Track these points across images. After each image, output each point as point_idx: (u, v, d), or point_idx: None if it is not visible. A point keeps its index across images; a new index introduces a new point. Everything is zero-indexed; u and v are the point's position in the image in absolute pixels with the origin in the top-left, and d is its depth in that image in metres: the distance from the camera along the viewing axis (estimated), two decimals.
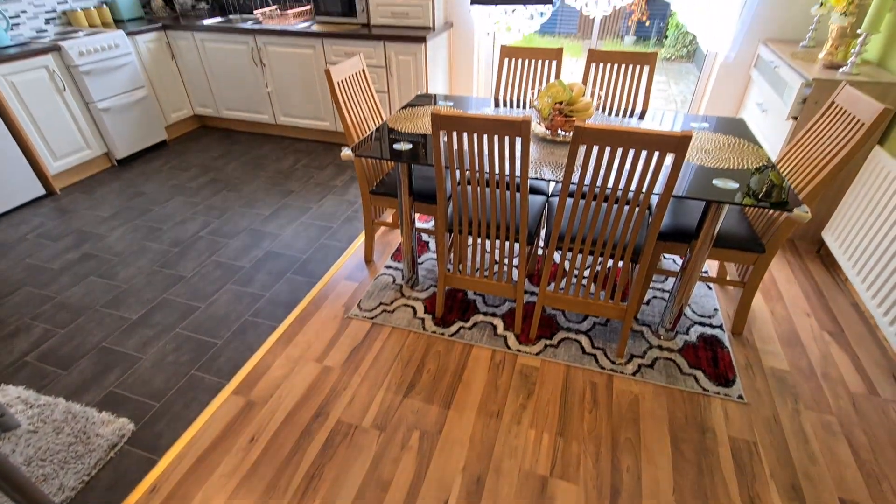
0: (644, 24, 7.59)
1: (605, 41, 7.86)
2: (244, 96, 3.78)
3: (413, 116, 2.15)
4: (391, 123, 2.07)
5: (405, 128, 2.02)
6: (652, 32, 7.54)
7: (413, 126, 2.04)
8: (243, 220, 2.82)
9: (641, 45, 7.65)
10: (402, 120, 2.11)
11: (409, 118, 2.13)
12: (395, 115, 2.16)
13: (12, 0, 3.19)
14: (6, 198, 2.89)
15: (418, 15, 3.19)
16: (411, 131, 1.99)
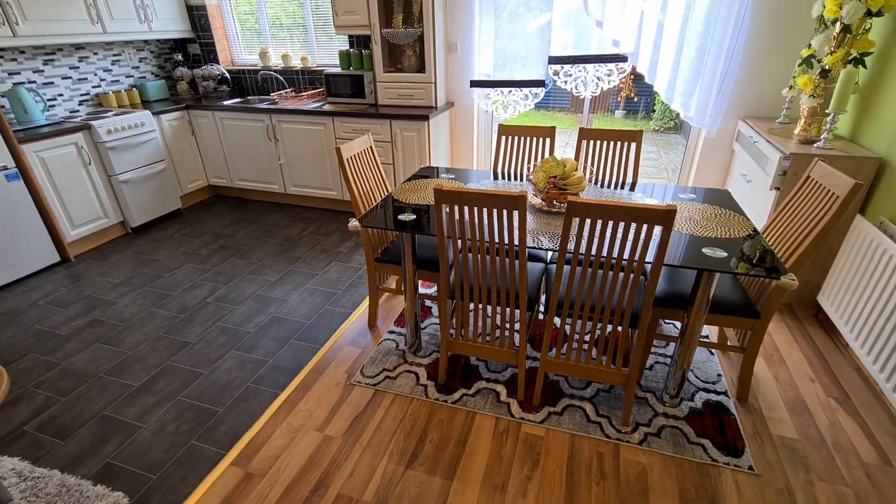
0: (633, 99, 8.14)
1: (597, 115, 8.39)
2: (257, 168, 4.00)
3: (417, 188, 2.28)
4: (396, 195, 2.20)
5: (409, 199, 2.15)
6: (640, 107, 8.05)
7: (417, 197, 2.17)
8: (250, 286, 2.89)
9: (631, 119, 8.15)
10: (407, 191, 2.24)
11: (413, 190, 2.26)
12: (399, 187, 2.30)
13: (51, 85, 3.50)
14: (22, 265, 2.98)
15: (422, 96, 3.47)
16: (415, 202, 2.11)
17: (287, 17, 4.05)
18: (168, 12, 3.96)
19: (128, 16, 3.63)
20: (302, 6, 3.93)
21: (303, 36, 4.08)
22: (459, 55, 3.57)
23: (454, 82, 3.67)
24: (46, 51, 3.44)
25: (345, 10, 3.37)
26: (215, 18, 4.20)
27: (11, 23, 2.95)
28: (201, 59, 4.38)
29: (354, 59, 3.67)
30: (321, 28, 3.98)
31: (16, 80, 3.29)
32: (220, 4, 4.21)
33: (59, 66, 3.54)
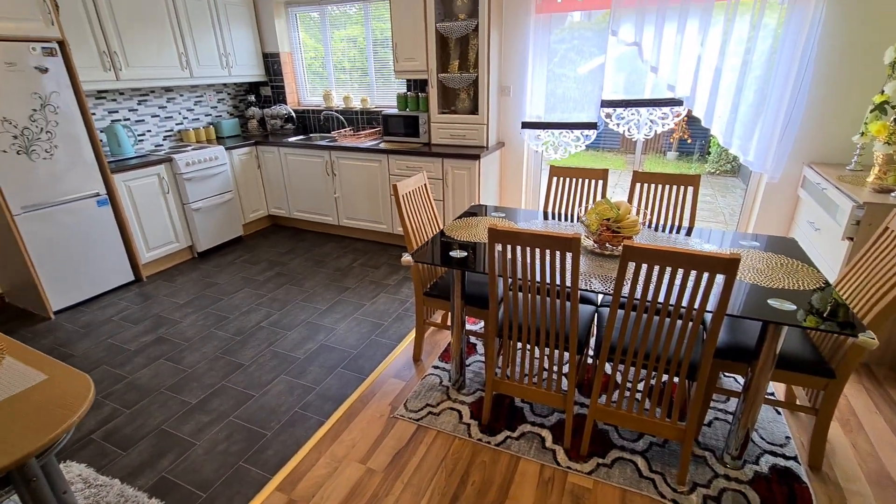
0: (686, 141, 7.98)
1: (648, 156, 8.27)
2: (314, 200, 4.23)
3: (467, 226, 2.33)
4: (447, 232, 2.26)
5: (460, 236, 2.19)
6: (695, 149, 7.87)
7: (467, 234, 2.21)
8: (302, 313, 3.00)
9: (684, 161, 7.97)
10: (458, 228, 2.29)
11: (463, 227, 2.31)
12: (451, 224, 2.35)
13: (142, 122, 3.91)
14: (102, 282, 3.26)
15: (474, 137, 3.59)
16: (466, 239, 2.15)
17: (350, 62, 4.36)
18: (246, 59, 4.37)
19: (212, 62, 4.04)
20: (364, 53, 4.22)
21: (363, 79, 4.36)
22: (512, 98, 3.68)
23: (505, 123, 3.77)
24: (142, 92, 3.87)
25: (405, 56, 3.59)
26: (286, 64, 4.59)
27: (116, 69, 3.36)
28: (271, 100, 4.76)
29: (411, 101, 3.87)
30: (381, 73, 4.25)
31: (114, 118, 3.71)
32: (292, 52, 4.60)
33: (150, 106, 3.96)
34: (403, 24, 3.51)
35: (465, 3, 3.34)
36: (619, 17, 3.04)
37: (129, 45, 3.41)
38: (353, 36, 4.24)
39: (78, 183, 3.02)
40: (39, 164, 2.82)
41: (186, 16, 3.77)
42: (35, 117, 2.77)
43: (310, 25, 4.45)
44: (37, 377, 1.18)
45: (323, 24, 4.33)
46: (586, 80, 3.37)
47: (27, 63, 2.70)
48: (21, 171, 2.74)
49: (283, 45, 4.50)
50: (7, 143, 2.67)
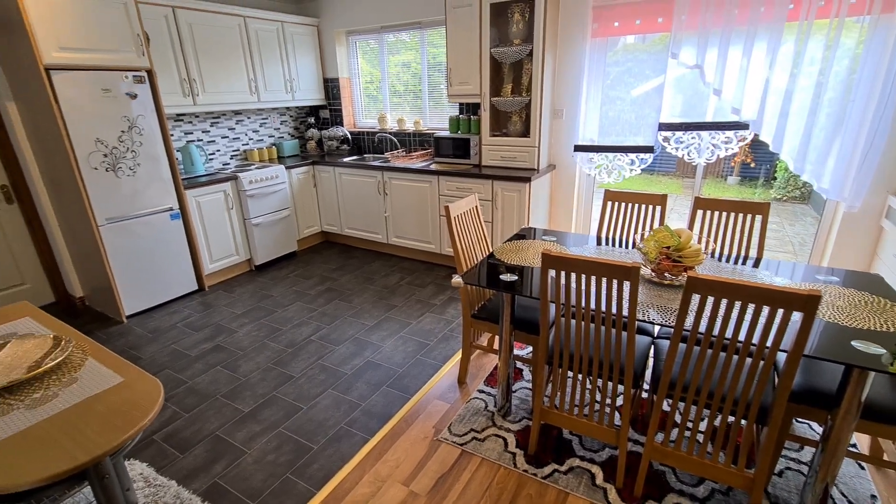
0: (749, 165, 7.58)
1: (707, 181, 7.91)
2: (365, 218, 4.35)
3: (517, 249, 2.31)
4: (498, 254, 2.25)
5: (510, 259, 2.17)
6: (759, 173, 7.46)
7: (518, 258, 2.19)
8: (350, 328, 3.06)
9: (746, 186, 7.55)
10: (508, 252, 2.27)
11: (514, 250, 2.29)
12: (501, 247, 2.34)
13: (213, 142, 4.21)
14: (170, 289, 3.49)
15: (525, 159, 3.58)
16: (516, 263, 2.13)
17: (404, 86, 4.51)
18: (309, 84, 4.63)
19: (278, 87, 4.31)
20: (418, 78, 4.36)
21: (417, 103, 4.49)
22: (564, 121, 3.66)
23: (557, 146, 3.75)
24: (214, 115, 4.18)
25: (459, 81, 3.68)
26: (345, 88, 4.81)
27: (194, 94, 3.65)
28: (329, 122, 5.00)
29: (463, 124, 3.93)
30: (434, 96, 4.36)
31: (189, 138, 4.02)
32: (351, 77, 4.83)
33: (221, 128, 4.26)
34: (458, 49, 3.60)
35: (521, 30, 3.38)
36: (680, 40, 2.97)
37: (207, 72, 3.71)
38: (407, 61, 4.39)
39: (155, 198, 3.28)
40: (123, 181, 3.09)
41: (258, 45, 4.06)
42: (123, 138, 3.05)
43: (367, 52, 4.66)
44: (114, 379, 1.27)
45: (381, 51, 4.53)
46: (642, 103, 3.30)
47: (120, 90, 2.99)
48: (108, 186, 3.02)
49: (342, 70, 4.73)
50: (98, 160, 2.95)
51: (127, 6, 2.96)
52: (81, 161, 2.88)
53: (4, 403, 1.17)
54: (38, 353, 1.37)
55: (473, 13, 3.43)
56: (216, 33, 3.73)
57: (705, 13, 2.87)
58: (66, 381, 1.26)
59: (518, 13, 3.35)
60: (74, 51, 2.75)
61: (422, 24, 4.17)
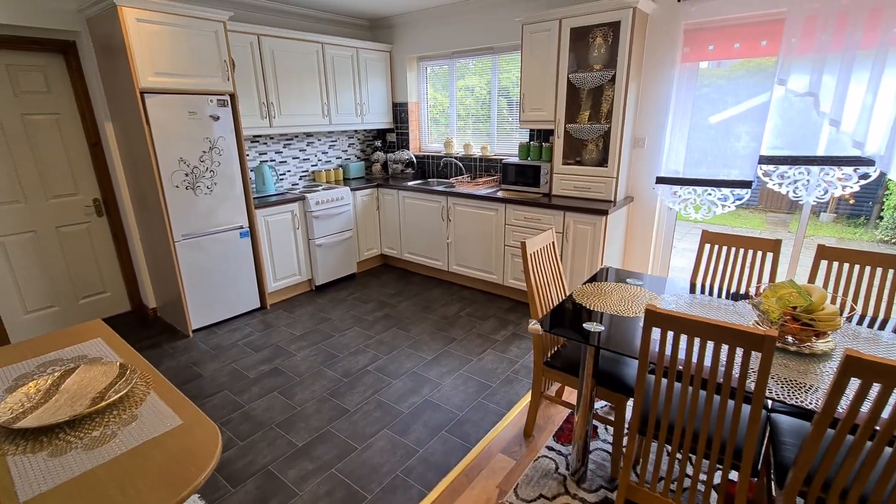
0: (847, 201, 6.81)
1: (794, 215, 7.18)
2: (426, 243, 4.25)
3: (599, 292, 2.08)
4: (577, 297, 2.02)
5: (593, 304, 1.95)
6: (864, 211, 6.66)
7: (601, 303, 1.95)
8: (408, 361, 2.92)
9: (844, 225, 6.77)
10: (589, 295, 2.05)
11: (595, 294, 2.06)
12: (580, 289, 2.12)
13: (284, 163, 4.32)
14: (235, 306, 3.54)
15: (600, 190, 3.34)
16: (599, 308, 1.90)
17: (471, 111, 4.43)
18: (378, 108, 4.68)
19: (349, 111, 4.38)
20: (487, 103, 4.27)
21: (484, 128, 4.39)
22: (646, 150, 3.39)
23: (636, 177, 3.48)
24: (287, 137, 4.30)
25: (532, 106, 3.53)
26: (413, 112, 4.82)
27: (271, 117, 3.76)
28: (395, 145, 5.01)
29: (533, 151, 3.77)
30: (502, 122, 4.24)
31: (262, 159, 4.14)
32: (419, 101, 4.83)
33: (293, 149, 4.37)
34: (533, 75, 3.46)
35: (602, 54, 3.20)
36: (790, 65, 2.65)
37: (284, 96, 3.82)
38: (475, 86, 4.32)
39: (227, 216, 3.36)
40: (200, 199, 3.19)
41: (333, 71, 4.15)
42: (203, 158, 3.15)
43: (436, 77, 4.65)
44: (173, 421, 1.18)
45: (450, 76, 4.49)
46: (739, 133, 2.98)
47: (204, 112, 3.11)
48: (186, 204, 3.12)
49: (411, 95, 4.75)
50: (180, 179, 3.06)
51: (217, 34, 3.09)
52: (165, 179, 2.99)
53: (64, 440, 1.11)
54: (103, 382, 1.32)
55: (551, 38, 3.29)
56: (295, 59, 3.85)
57: (822, 36, 2.55)
58: (125, 419, 1.19)
59: (601, 37, 3.18)
60: (167, 75, 2.89)
61: (494, 49, 4.09)
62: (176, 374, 2.81)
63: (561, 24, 3.22)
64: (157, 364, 2.92)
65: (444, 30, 4.27)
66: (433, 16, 4.28)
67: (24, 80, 3.00)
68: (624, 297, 2.01)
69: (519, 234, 3.58)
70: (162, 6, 2.78)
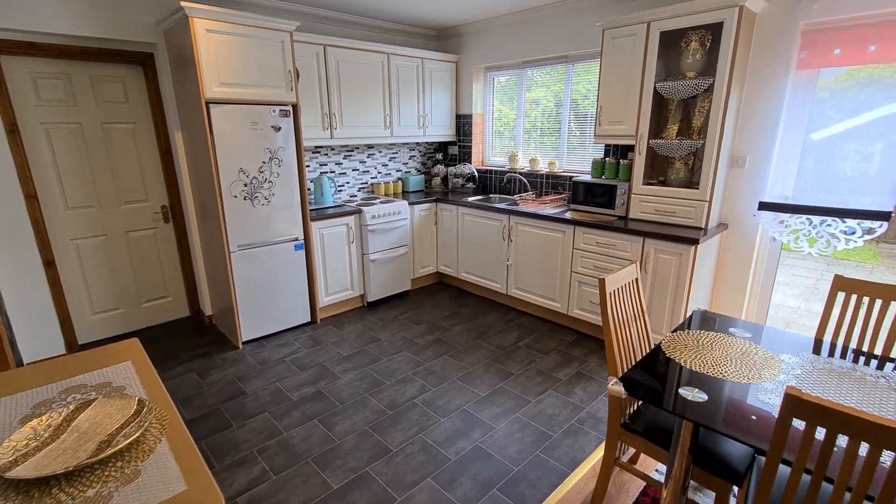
0: None
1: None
2: (484, 264, 3.98)
3: (696, 345, 1.69)
4: (668, 349, 1.66)
5: (688, 360, 1.58)
6: None
7: (699, 361, 1.58)
8: (458, 396, 2.65)
9: None
10: (682, 347, 1.67)
11: (690, 346, 1.68)
12: (671, 339, 1.75)
13: (343, 175, 4.25)
14: (285, 319, 3.46)
15: (689, 215, 2.90)
16: (697, 368, 1.53)
17: (539, 124, 4.13)
18: (441, 121, 4.51)
19: (411, 123, 4.24)
20: (557, 116, 3.95)
21: (553, 142, 4.07)
22: (746, 171, 2.92)
23: (732, 201, 3.00)
24: (348, 149, 4.23)
25: (610, 119, 3.17)
26: (477, 125, 4.60)
27: (332, 128, 3.69)
28: (457, 159, 4.81)
29: (609, 168, 3.39)
30: (574, 136, 3.90)
31: (322, 170, 4.09)
32: (484, 113, 4.61)
33: (353, 160, 4.29)
34: (612, 85, 3.11)
35: (697, 61, 2.79)
36: None
37: (346, 107, 3.74)
38: (545, 97, 4.02)
39: (283, 227, 3.29)
40: (258, 209, 3.14)
41: (397, 82, 4.04)
42: (263, 168, 3.11)
43: (503, 88, 4.40)
44: (177, 485, 1.00)
45: (518, 87, 4.23)
46: (871, 153, 2.45)
47: (266, 122, 3.07)
48: (243, 214, 3.08)
49: (476, 107, 4.53)
50: (239, 189, 3.03)
51: (283, 44, 3.05)
52: (224, 189, 2.97)
53: (55, 498, 0.95)
54: (116, 421, 1.18)
55: (637, 43, 2.94)
56: (360, 70, 3.77)
57: None
58: (128, 475, 1.02)
59: (696, 41, 2.78)
60: (232, 86, 2.88)
61: (568, 58, 3.78)
62: (221, 388, 2.73)
63: (649, 28, 2.86)
64: (205, 376, 2.87)
65: (515, 38, 4.03)
66: (504, 23, 4.06)
67: (106, 89, 3.12)
68: (728, 354, 1.62)
69: (588, 261, 3.21)
70: (231, 17, 2.77)
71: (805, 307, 4.34)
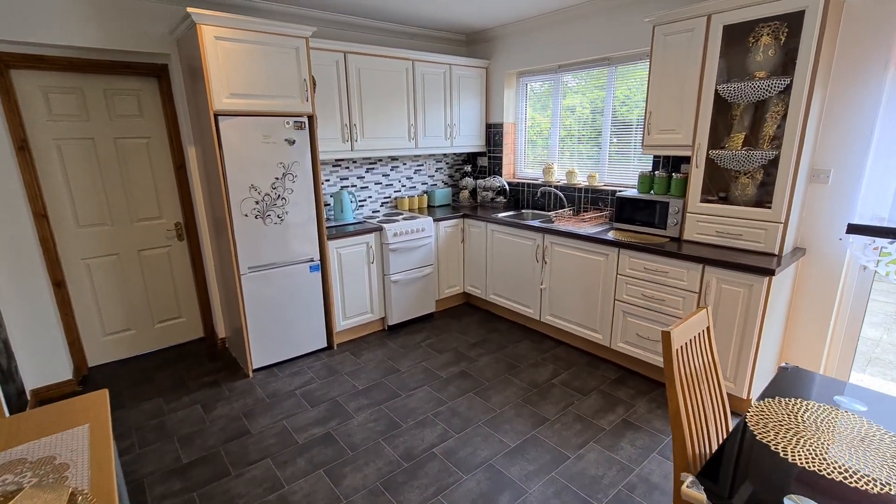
0: None
1: None
2: (516, 286, 3.63)
3: (795, 420, 1.30)
4: (755, 426, 1.27)
5: (788, 448, 1.19)
6: None
7: (805, 450, 1.19)
8: (484, 445, 2.31)
9: None
10: (773, 425, 1.28)
11: (786, 423, 1.29)
12: (757, 409, 1.36)
13: (366, 189, 4.01)
14: (299, 345, 3.22)
15: (758, 238, 2.47)
16: (805, 461, 1.14)
17: (577, 133, 3.76)
18: (470, 130, 4.21)
19: (437, 134, 3.97)
20: (596, 124, 3.57)
21: (593, 153, 3.69)
22: (830, 187, 2.46)
23: (811, 223, 2.55)
24: (370, 161, 3.99)
25: (661, 127, 2.78)
26: (508, 135, 4.27)
27: (353, 140, 3.46)
28: (487, 171, 4.50)
29: (658, 183, 2.99)
30: (617, 147, 3.51)
31: (343, 184, 3.86)
32: (516, 122, 4.28)
33: (376, 174, 4.05)
34: (664, 88, 2.73)
35: (769, 58, 2.37)
36: None
37: (368, 117, 3.50)
38: (583, 104, 3.65)
39: (298, 248, 3.06)
40: (270, 228, 2.92)
41: (423, 90, 3.78)
42: (276, 185, 2.89)
43: (537, 95, 4.06)
44: None
45: (554, 93, 3.88)
46: None
47: (279, 136, 2.85)
48: (254, 234, 2.86)
49: (507, 115, 4.21)
50: (249, 207, 2.82)
51: (298, 51, 2.84)
52: (234, 207, 2.76)
53: None
54: None
55: (694, 39, 2.55)
56: (383, 78, 3.52)
57: None
58: None
59: (768, 35, 2.36)
60: (242, 97, 2.68)
61: (610, 60, 3.41)
62: (224, 427, 2.50)
63: (710, 21, 2.47)
64: (210, 409, 2.65)
65: (551, 40, 3.69)
66: (539, 24, 3.73)
67: (120, 103, 2.99)
68: (843, 439, 1.22)
69: (636, 289, 2.81)
70: (241, 23, 2.58)
71: (888, 339, 3.76)
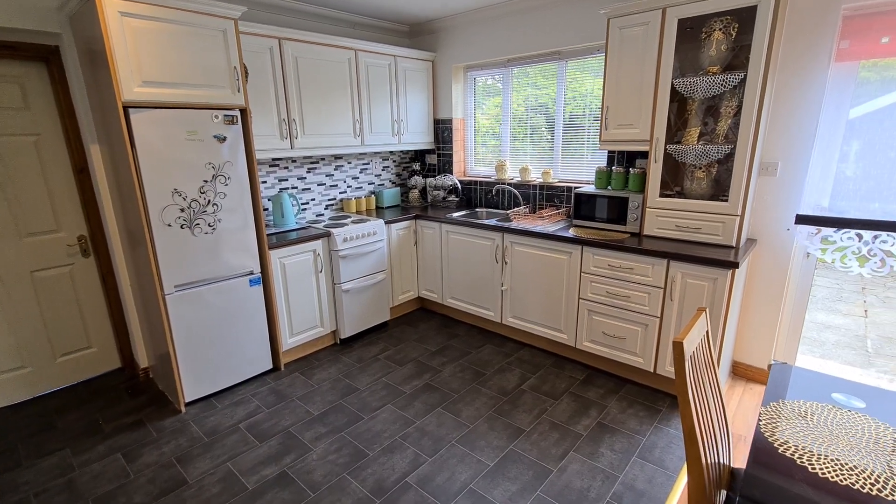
0: None
1: None
2: (474, 289, 3.48)
3: (806, 425, 1.24)
4: (770, 432, 1.20)
5: (813, 458, 1.12)
6: None
7: (823, 457, 1.12)
8: (461, 467, 2.13)
9: None
10: (788, 430, 1.22)
11: (801, 429, 1.22)
12: (771, 418, 1.29)
13: (308, 190, 3.67)
14: (241, 369, 2.84)
15: (716, 231, 2.50)
16: (821, 469, 1.07)
17: (530, 130, 3.69)
18: (417, 126, 4.00)
19: (384, 130, 3.71)
20: (550, 120, 3.51)
21: (547, 150, 3.63)
22: (778, 178, 2.55)
23: (762, 214, 2.63)
24: (312, 160, 3.65)
25: (619, 122, 2.75)
26: (458, 131, 4.12)
27: (292, 137, 3.11)
28: (436, 169, 4.31)
29: (616, 178, 2.97)
30: (570, 143, 3.47)
31: (283, 186, 3.49)
32: (465, 118, 4.13)
33: (318, 174, 3.72)
34: (621, 83, 2.69)
35: (721, 53, 2.40)
36: None
37: (308, 112, 3.18)
38: (531, 100, 3.58)
39: (234, 260, 2.69)
40: (200, 240, 2.53)
41: (367, 83, 3.51)
42: (205, 189, 2.51)
43: (488, 90, 3.94)
44: None
45: (504, 88, 3.78)
46: None
47: (207, 132, 2.47)
48: (181, 247, 2.46)
49: (456, 111, 4.05)
50: (173, 216, 2.41)
51: (227, 34, 2.47)
52: (154, 216, 2.35)
53: None
54: None
55: (650, 34, 2.52)
56: (323, 69, 3.21)
57: None
58: None
59: (719, 30, 2.38)
60: (158, 85, 2.27)
61: (561, 54, 3.35)
62: (153, 478, 2.10)
63: (665, 15, 2.45)
64: (134, 459, 2.23)
65: (500, 33, 3.57)
66: (487, 16, 3.59)
67: None
68: (858, 442, 1.18)
69: (600, 286, 2.76)
70: None
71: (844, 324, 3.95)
